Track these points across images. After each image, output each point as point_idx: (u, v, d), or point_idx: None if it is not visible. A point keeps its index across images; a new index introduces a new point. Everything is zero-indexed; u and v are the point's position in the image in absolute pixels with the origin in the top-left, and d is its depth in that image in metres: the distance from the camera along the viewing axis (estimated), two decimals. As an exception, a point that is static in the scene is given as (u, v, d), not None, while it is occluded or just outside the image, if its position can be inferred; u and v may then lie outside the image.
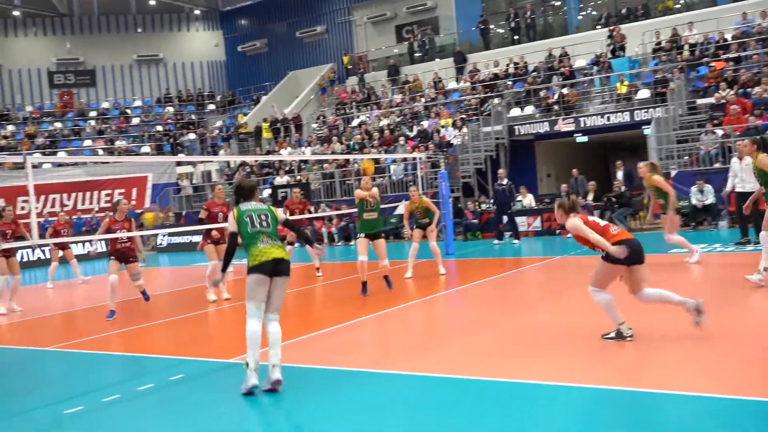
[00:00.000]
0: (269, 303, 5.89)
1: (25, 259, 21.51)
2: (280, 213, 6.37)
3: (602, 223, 6.44)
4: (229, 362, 6.85)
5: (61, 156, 29.03)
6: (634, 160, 19.24)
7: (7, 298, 11.71)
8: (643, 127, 19.94)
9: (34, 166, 8.82)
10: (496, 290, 10.69)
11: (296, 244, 20.54)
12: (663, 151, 18.78)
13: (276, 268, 5.88)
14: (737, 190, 12.60)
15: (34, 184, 8.82)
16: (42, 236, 20.07)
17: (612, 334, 6.40)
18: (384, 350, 7.06)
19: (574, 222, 6.32)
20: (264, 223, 6.06)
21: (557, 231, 18.28)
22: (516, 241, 17.29)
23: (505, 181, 17.62)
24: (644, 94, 21.01)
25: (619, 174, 18.31)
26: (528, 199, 19.47)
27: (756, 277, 8.52)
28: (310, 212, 15.00)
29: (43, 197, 25.76)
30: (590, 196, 18.60)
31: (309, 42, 34.53)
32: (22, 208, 25.93)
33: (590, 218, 6.46)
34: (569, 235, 16.11)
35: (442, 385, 5.61)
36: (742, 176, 12.34)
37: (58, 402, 6.00)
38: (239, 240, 6.07)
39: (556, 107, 22.37)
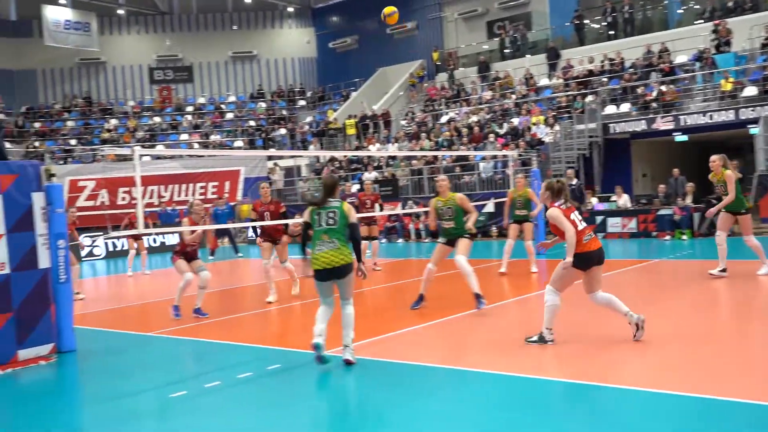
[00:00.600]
0: (340, 294, 6.51)
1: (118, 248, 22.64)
2: (353, 213, 6.48)
3: (581, 226, 6.55)
4: (325, 354, 6.90)
5: (160, 149, 30.22)
6: (740, 161, 18.35)
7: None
8: (749, 126, 18.96)
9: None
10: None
11: (383, 239, 20.66)
12: (771, 152, 17.80)
13: (330, 275, 6.33)
14: None
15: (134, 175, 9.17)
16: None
17: (535, 338, 6.74)
18: (473, 349, 6.95)
19: (555, 213, 6.46)
20: (330, 221, 6.35)
21: (653, 233, 17.64)
22: None
23: (574, 181, 16.92)
24: (751, 91, 19.96)
25: (728, 175, 17.38)
26: (623, 200, 18.85)
27: None
28: (381, 206, 14.82)
29: (142, 189, 26.82)
30: (689, 198, 17.83)
31: (399, 38, 34.58)
32: (123, 199, 27.18)
33: (573, 216, 6.52)
34: (667, 237, 15.49)
35: (535, 386, 5.47)
36: None
37: (163, 386, 6.21)
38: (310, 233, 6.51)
39: (654, 105, 21.56)
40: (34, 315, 7.39)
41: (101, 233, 19.74)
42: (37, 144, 30.60)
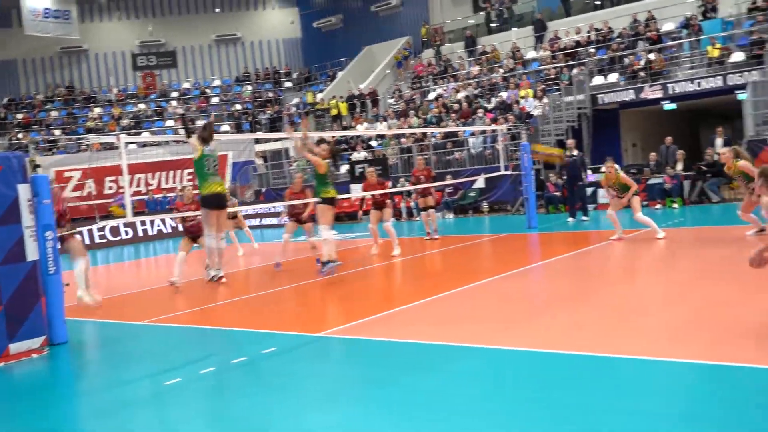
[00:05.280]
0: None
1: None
2: None
3: None
4: (318, 336, 6.85)
5: (145, 136, 29.93)
6: (728, 127, 18.33)
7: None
8: (737, 92, 18.91)
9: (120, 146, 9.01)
10: (583, 263, 10.37)
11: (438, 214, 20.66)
12: (759, 117, 17.77)
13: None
14: None
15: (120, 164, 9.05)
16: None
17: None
18: (476, 324, 6.90)
19: None
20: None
21: (645, 203, 17.62)
22: (585, 217, 16.14)
23: (575, 152, 16.68)
24: (738, 56, 19.88)
25: (719, 141, 17.36)
26: (614, 170, 18.77)
27: None
28: (434, 179, 15.52)
29: (128, 177, 26.61)
30: (679, 166, 17.81)
31: (384, 16, 34.26)
32: (110, 188, 26.96)
33: None
34: (658, 206, 15.54)
35: (542, 360, 5.43)
36: None
37: (157, 374, 6.14)
38: None
39: (642, 74, 21.47)
40: (24, 308, 7.29)
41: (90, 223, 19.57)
42: (20, 135, 30.26)
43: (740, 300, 6.80)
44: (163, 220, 23.55)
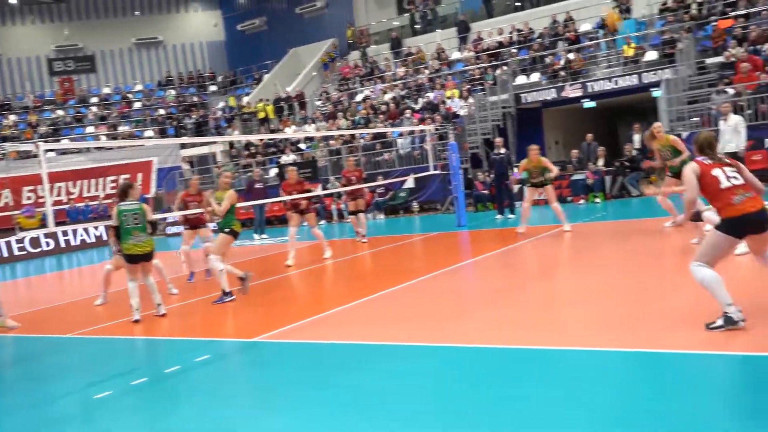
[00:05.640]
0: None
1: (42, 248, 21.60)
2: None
3: (726, 183, 5.43)
4: (253, 341, 6.80)
5: (65, 144, 28.91)
6: (644, 124, 19.07)
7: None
8: (652, 89, 19.69)
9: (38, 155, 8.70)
10: (512, 260, 10.61)
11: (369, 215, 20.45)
12: (674, 113, 18.54)
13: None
14: (725, 150, 12.56)
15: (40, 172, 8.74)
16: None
17: (719, 321, 5.29)
18: (408, 323, 6.98)
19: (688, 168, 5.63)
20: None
21: (569, 198, 18.15)
22: (512, 215, 16.35)
23: (502, 151, 16.96)
24: (652, 55, 20.71)
25: (636, 137, 18.06)
26: (538, 168, 19.27)
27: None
28: (365, 180, 15.18)
29: (48, 186, 25.69)
30: (600, 162, 18.42)
31: (309, 18, 34.13)
32: (29, 198, 25.97)
33: (716, 172, 5.46)
34: (581, 201, 15.94)
35: (472, 355, 5.54)
36: (725, 136, 12.70)
37: (86, 387, 5.97)
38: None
39: (562, 73, 22.10)
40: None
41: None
42: (-70, 145, 28.76)
43: (663, 289, 7.10)
44: (86, 230, 22.82)
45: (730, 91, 17.41)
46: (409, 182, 20.62)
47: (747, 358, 4.76)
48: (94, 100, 33.95)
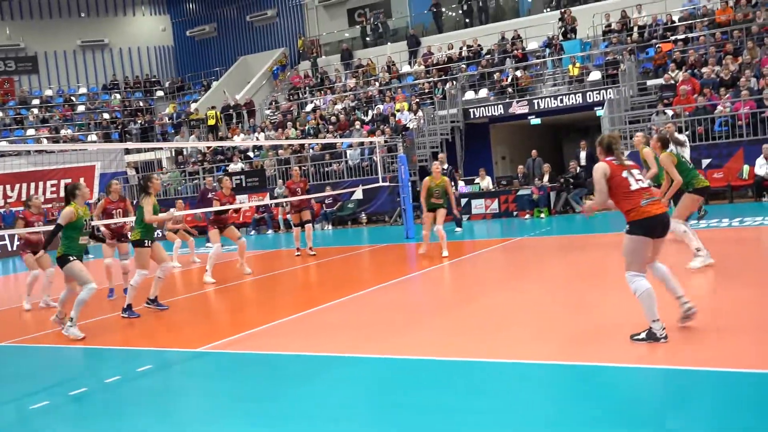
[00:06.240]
0: None
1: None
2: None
3: (635, 186, 5.57)
4: (197, 351, 6.71)
5: (3, 145, 27.97)
6: (587, 141, 19.59)
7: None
8: (596, 108, 20.24)
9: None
10: (458, 272, 10.73)
11: (252, 232, 20.22)
12: (616, 132, 19.06)
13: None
14: None
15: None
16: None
17: (642, 335, 5.52)
18: (353, 334, 6.99)
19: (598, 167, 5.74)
20: None
21: (514, 213, 18.46)
22: (458, 228, 16.44)
23: (445, 166, 17.23)
24: (596, 75, 21.30)
25: (582, 154, 18.53)
26: (486, 182, 19.59)
27: (698, 262, 8.36)
28: (309, 191, 14.54)
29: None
30: (546, 178, 18.81)
31: (259, 26, 33.99)
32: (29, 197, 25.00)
33: (625, 174, 5.61)
34: (527, 216, 16.22)
35: (414, 367, 5.59)
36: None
37: (22, 397, 5.79)
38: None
39: (509, 90, 22.52)
40: None
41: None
42: None
43: (605, 302, 7.29)
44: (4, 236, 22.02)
45: (669, 112, 18.02)
46: (358, 193, 20.66)
47: (668, 371, 4.94)
48: (36, 102, 33.01)
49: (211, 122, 28.42)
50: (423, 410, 4.59)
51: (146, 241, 9.02)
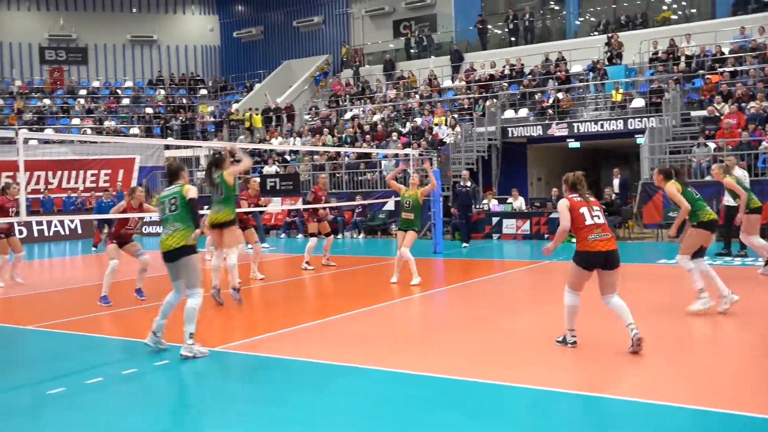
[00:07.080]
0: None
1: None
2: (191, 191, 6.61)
3: (589, 221, 6.33)
4: (214, 350, 6.74)
5: (49, 133, 28.65)
6: (626, 168, 19.33)
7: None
8: (636, 136, 19.97)
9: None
10: (481, 292, 10.64)
11: (282, 234, 20.28)
12: (655, 161, 18.77)
13: (167, 257, 6.52)
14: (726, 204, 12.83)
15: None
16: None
17: (561, 338, 6.65)
18: (369, 346, 6.96)
19: (561, 204, 6.51)
20: (172, 207, 6.56)
21: (546, 235, 18.27)
22: (465, 245, 16.57)
23: (468, 183, 17.15)
24: (639, 103, 21.03)
25: (616, 182, 18.29)
26: (519, 202, 19.42)
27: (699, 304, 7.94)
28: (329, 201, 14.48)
29: (27, 174, 25.42)
30: (580, 202, 18.57)
31: (305, 32, 34.33)
32: (7, 184, 25.57)
33: (583, 210, 6.37)
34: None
35: (424, 384, 5.54)
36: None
37: (40, 382, 5.88)
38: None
39: (550, 111, 22.36)
40: None
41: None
42: None
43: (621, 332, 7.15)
44: (61, 222, 22.58)
45: (711, 145, 17.70)
46: (390, 204, 20.65)
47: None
48: (83, 92, 33.74)
49: (248, 124, 28.71)
50: (426, 428, 4.54)
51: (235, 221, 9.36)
